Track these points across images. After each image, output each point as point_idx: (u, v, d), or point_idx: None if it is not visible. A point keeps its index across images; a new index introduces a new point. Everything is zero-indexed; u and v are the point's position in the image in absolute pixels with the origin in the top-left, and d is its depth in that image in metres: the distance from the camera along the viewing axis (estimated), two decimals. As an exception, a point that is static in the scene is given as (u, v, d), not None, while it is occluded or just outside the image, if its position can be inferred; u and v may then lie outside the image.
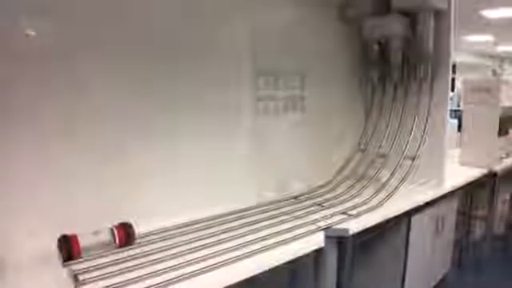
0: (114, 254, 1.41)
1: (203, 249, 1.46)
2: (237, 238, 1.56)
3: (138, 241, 1.50)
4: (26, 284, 1.24)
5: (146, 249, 1.45)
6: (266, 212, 1.87)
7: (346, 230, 1.72)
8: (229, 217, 1.79)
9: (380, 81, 2.37)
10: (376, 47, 2.29)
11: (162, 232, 1.60)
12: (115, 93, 1.57)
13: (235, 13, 1.87)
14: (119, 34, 1.54)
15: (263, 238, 1.56)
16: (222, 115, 1.88)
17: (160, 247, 1.46)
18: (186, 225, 1.67)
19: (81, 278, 1.24)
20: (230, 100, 1.92)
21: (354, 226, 1.75)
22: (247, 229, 1.65)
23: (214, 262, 1.36)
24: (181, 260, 1.36)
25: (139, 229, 1.52)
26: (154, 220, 1.61)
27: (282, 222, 1.75)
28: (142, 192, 1.64)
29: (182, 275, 1.27)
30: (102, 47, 1.51)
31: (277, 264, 1.47)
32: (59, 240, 1.35)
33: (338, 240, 1.75)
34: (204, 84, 1.79)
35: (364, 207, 1.93)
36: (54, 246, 1.36)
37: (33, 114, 1.38)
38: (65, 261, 1.33)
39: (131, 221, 1.49)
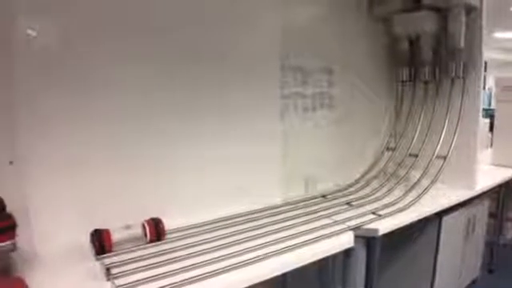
0: (144, 248, 1.43)
1: (232, 246, 1.46)
2: (265, 236, 1.55)
3: (167, 236, 1.52)
4: (60, 276, 1.27)
5: (175, 244, 1.46)
6: (294, 210, 1.86)
7: (376, 231, 1.70)
8: (257, 214, 1.79)
9: (410, 79, 2.32)
10: (406, 44, 2.25)
11: (190, 228, 1.61)
12: (155, 90, 1.60)
13: (263, 11, 1.87)
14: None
15: (292, 237, 1.55)
16: (250, 113, 1.88)
17: (188, 243, 1.47)
18: (215, 222, 1.68)
19: (113, 271, 1.26)
20: (258, 98, 1.91)
21: (384, 227, 1.72)
22: (275, 227, 1.65)
23: (242, 260, 1.36)
24: (209, 257, 1.37)
25: (168, 225, 1.53)
26: (183, 216, 1.61)
27: (311, 220, 1.73)
28: (172, 189, 1.66)
29: (210, 272, 1.28)
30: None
31: (306, 263, 1.46)
32: (92, 234, 1.38)
33: (367, 240, 1.73)
34: (232, 82, 1.80)
35: (394, 207, 1.90)
36: (86, 240, 1.40)
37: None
38: (97, 254, 1.35)
39: (161, 217, 1.51)
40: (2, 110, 1.30)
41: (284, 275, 1.47)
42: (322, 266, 1.75)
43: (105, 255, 1.35)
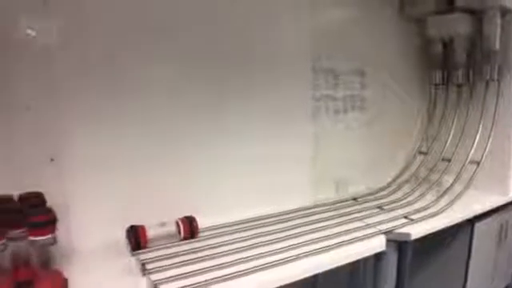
0: (178, 245, 1.45)
1: (263, 246, 1.47)
2: (296, 237, 1.55)
3: (200, 234, 1.54)
4: (97, 270, 1.30)
5: (208, 242, 1.48)
6: (325, 212, 1.86)
7: (408, 235, 1.68)
8: (288, 216, 1.79)
9: (443, 81, 2.28)
10: (440, 46, 2.21)
11: (222, 227, 1.63)
12: (186, 92, 1.63)
13: (293, 12, 1.87)
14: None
15: (323, 239, 1.54)
16: (281, 114, 1.88)
17: (221, 242, 1.49)
18: (246, 221, 1.69)
19: (148, 266, 1.28)
20: (289, 99, 1.90)
21: (416, 231, 1.70)
22: (307, 228, 1.64)
23: (274, 260, 1.36)
24: (241, 255, 1.38)
25: (201, 223, 1.55)
26: (215, 216, 1.63)
27: (342, 223, 1.72)
28: (204, 188, 1.68)
29: (242, 270, 1.29)
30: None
31: (337, 265, 1.46)
32: (128, 230, 1.42)
33: (399, 244, 1.71)
34: (262, 83, 1.81)
35: (426, 212, 1.87)
36: (122, 236, 1.43)
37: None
38: (133, 250, 1.38)
39: (194, 215, 1.54)
40: (43, 110, 1.35)
41: (315, 277, 1.47)
42: (352, 269, 1.73)
43: (140, 251, 1.38)
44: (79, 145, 1.42)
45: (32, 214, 1.14)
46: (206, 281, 1.22)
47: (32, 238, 1.13)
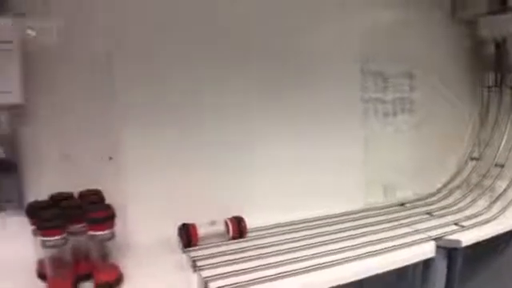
0: (226, 244, 1.49)
1: (310, 248, 1.48)
2: (345, 241, 1.55)
3: (248, 235, 1.57)
4: (150, 265, 1.36)
5: (256, 243, 1.51)
6: (374, 217, 1.84)
7: (459, 242, 1.63)
8: (336, 219, 1.79)
9: (496, 84, 2.19)
10: (492, 47, 2.14)
11: (271, 228, 1.65)
12: (236, 93, 1.68)
13: (343, 14, 1.88)
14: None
15: (370, 243, 1.53)
16: (330, 116, 1.89)
17: (269, 242, 1.51)
18: (294, 223, 1.71)
19: (198, 263, 1.32)
20: (338, 101, 1.91)
21: (468, 238, 1.64)
22: (354, 232, 1.64)
23: (320, 262, 1.37)
24: (288, 256, 1.39)
25: (249, 223, 1.59)
26: (263, 216, 1.65)
27: (391, 228, 1.70)
28: (253, 189, 1.72)
29: (288, 271, 1.30)
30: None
31: (384, 270, 1.44)
32: (180, 228, 1.48)
33: (449, 251, 1.66)
34: (313, 84, 1.82)
35: (478, 219, 1.81)
36: (174, 233, 1.50)
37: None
38: (184, 247, 1.44)
39: (242, 215, 1.58)
40: (103, 112, 1.45)
41: (360, 281, 1.46)
42: (400, 276, 1.71)
43: (191, 248, 1.44)
44: (135, 144, 1.50)
45: (92, 210, 1.20)
46: (253, 279, 1.24)
47: (91, 232, 1.19)
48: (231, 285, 1.21)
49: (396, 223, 1.76)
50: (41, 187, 1.36)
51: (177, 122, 1.57)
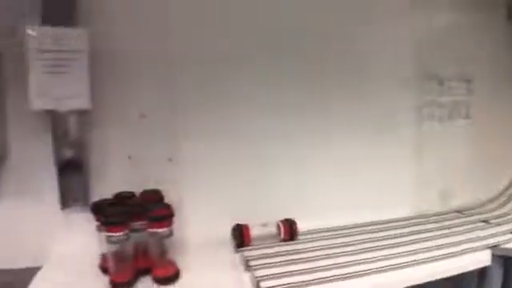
0: (278, 246, 1.52)
1: (361, 253, 1.47)
2: (396, 247, 1.53)
3: (299, 237, 1.59)
4: (205, 262, 1.42)
5: (306, 245, 1.53)
6: (428, 224, 1.80)
7: (516, 251, 1.57)
8: (388, 224, 1.77)
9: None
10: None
11: (323, 232, 1.66)
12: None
13: (398, 17, 1.86)
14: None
15: (424, 250, 1.50)
16: (386, 120, 1.88)
17: (320, 246, 1.52)
18: (345, 228, 1.71)
19: (250, 263, 1.36)
20: (393, 105, 1.89)
21: (527, 247, 1.58)
22: (407, 239, 1.61)
23: (373, 267, 1.36)
24: (339, 260, 1.40)
25: (300, 227, 1.60)
26: (313, 220, 1.67)
27: (445, 235, 1.66)
28: (306, 193, 1.74)
29: (339, 275, 1.30)
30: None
31: (438, 277, 1.41)
32: (234, 228, 1.53)
33: (505, 259, 1.60)
34: (369, 87, 1.82)
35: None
36: (227, 233, 1.55)
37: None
38: (237, 247, 1.49)
39: (295, 217, 1.60)
40: (165, 117, 1.54)
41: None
42: (455, 284, 1.66)
43: (244, 248, 1.48)
44: (193, 148, 1.57)
45: (152, 208, 1.27)
46: (304, 281, 1.26)
47: (151, 230, 1.26)
48: (283, 285, 1.24)
49: (450, 230, 1.72)
50: (105, 186, 1.46)
51: (232, 126, 1.63)
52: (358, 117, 1.81)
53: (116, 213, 1.24)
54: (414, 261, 1.42)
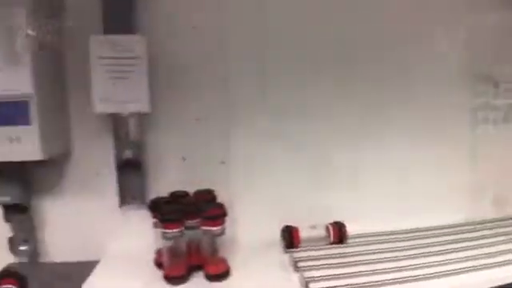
0: (327, 248, 1.53)
1: (413, 258, 1.45)
2: (446, 254, 1.49)
3: (348, 241, 1.59)
4: (254, 261, 1.45)
5: (356, 249, 1.52)
6: (480, 231, 1.73)
7: None
8: (440, 231, 1.72)
9: None
10: None
11: (373, 236, 1.65)
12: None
13: (451, 14, 1.80)
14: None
15: (476, 257, 1.45)
16: (438, 123, 1.82)
17: (370, 250, 1.51)
18: (396, 233, 1.69)
19: (299, 264, 1.38)
20: (446, 107, 1.82)
21: None
22: (463, 244, 1.57)
23: (424, 273, 1.34)
24: (390, 265, 1.38)
25: (351, 230, 1.61)
26: (364, 224, 1.66)
27: (499, 243, 1.58)
28: (355, 197, 1.73)
29: (390, 279, 1.29)
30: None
31: (489, 286, 1.33)
32: (283, 229, 1.55)
33: None
34: (421, 89, 1.78)
35: None
36: (277, 234, 1.58)
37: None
38: (287, 248, 1.52)
39: (344, 220, 1.61)
40: (219, 120, 1.61)
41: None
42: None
43: (293, 250, 1.50)
44: (244, 150, 1.62)
45: (206, 207, 1.32)
46: (353, 284, 1.26)
47: (205, 228, 1.31)
48: (332, 287, 1.25)
49: (505, 238, 1.64)
50: (161, 185, 1.54)
51: (283, 130, 1.65)
52: (410, 120, 1.77)
53: (172, 211, 1.30)
54: (463, 268, 1.38)
